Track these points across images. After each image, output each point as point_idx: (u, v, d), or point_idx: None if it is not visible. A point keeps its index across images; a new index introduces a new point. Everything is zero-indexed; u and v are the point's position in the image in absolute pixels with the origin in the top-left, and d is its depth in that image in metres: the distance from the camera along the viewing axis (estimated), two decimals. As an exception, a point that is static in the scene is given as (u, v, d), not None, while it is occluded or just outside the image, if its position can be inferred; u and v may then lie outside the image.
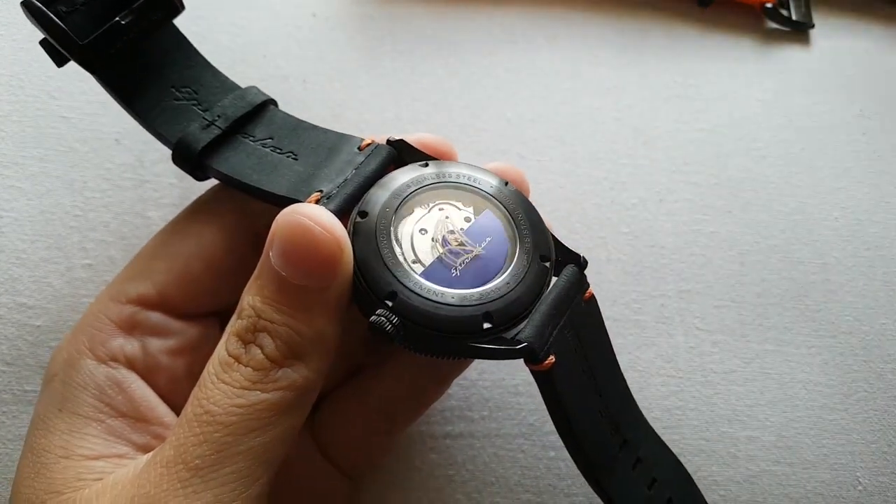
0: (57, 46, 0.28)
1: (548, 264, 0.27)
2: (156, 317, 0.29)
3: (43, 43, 0.28)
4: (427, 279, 0.26)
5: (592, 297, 0.29)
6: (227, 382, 0.24)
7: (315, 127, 0.31)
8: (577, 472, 0.29)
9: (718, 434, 0.38)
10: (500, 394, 0.37)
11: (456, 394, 0.37)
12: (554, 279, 0.28)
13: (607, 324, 0.29)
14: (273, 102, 0.31)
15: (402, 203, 0.27)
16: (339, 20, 0.45)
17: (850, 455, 0.38)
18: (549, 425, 0.36)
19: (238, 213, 0.30)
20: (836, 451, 0.38)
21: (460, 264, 0.26)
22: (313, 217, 0.24)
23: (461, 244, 0.27)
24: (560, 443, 0.36)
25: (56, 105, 0.39)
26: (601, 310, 0.29)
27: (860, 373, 0.40)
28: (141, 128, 0.39)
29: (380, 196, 0.27)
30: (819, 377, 0.40)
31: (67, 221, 0.37)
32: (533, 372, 0.26)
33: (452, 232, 0.27)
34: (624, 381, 0.30)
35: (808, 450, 0.38)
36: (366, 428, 0.32)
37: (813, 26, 0.50)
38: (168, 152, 0.38)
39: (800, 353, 0.40)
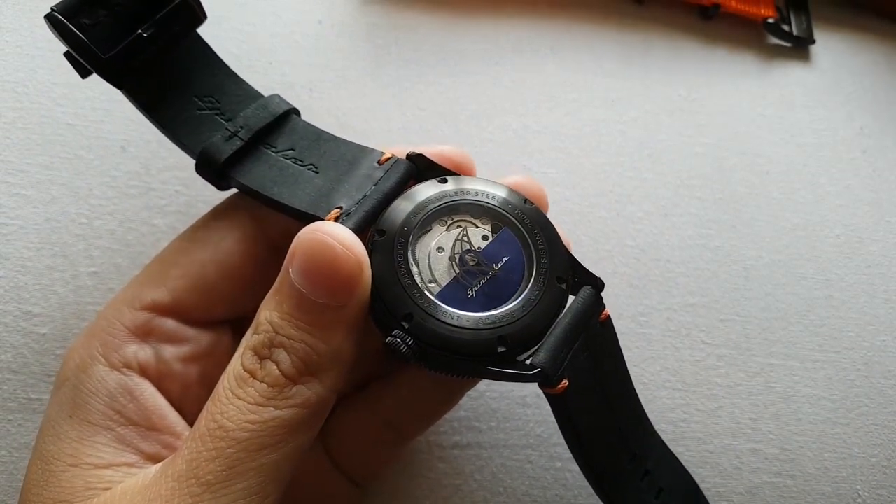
0: (80, 60, 0.28)
1: (564, 286, 0.27)
2: (170, 324, 0.29)
3: (67, 55, 0.28)
4: (443, 301, 0.26)
5: (608, 318, 0.29)
6: (242, 398, 0.24)
7: (336, 138, 0.31)
8: (585, 483, 0.29)
9: (722, 446, 0.38)
10: (508, 405, 0.37)
11: (464, 404, 0.37)
12: (572, 297, 0.28)
13: None
14: (295, 111, 0.31)
15: (420, 221, 0.27)
16: (345, 28, 0.45)
17: (850, 468, 0.39)
18: (557, 437, 0.37)
19: (255, 222, 0.30)
20: (837, 465, 0.39)
21: (476, 285, 0.27)
22: (334, 235, 0.25)
23: (478, 264, 0.27)
24: (567, 454, 0.36)
25: (61, 112, 0.39)
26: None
27: (862, 388, 0.41)
28: (147, 136, 0.39)
29: (398, 214, 0.27)
30: (823, 392, 0.40)
31: (73, 229, 0.37)
32: (546, 395, 0.26)
33: (469, 251, 0.27)
34: (636, 396, 0.31)
35: (809, 463, 0.38)
36: (375, 438, 0.32)
37: (814, 42, 0.50)
38: (174, 159, 0.38)
39: (804, 368, 0.41)
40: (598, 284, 0.29)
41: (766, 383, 0.40)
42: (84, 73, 0.28)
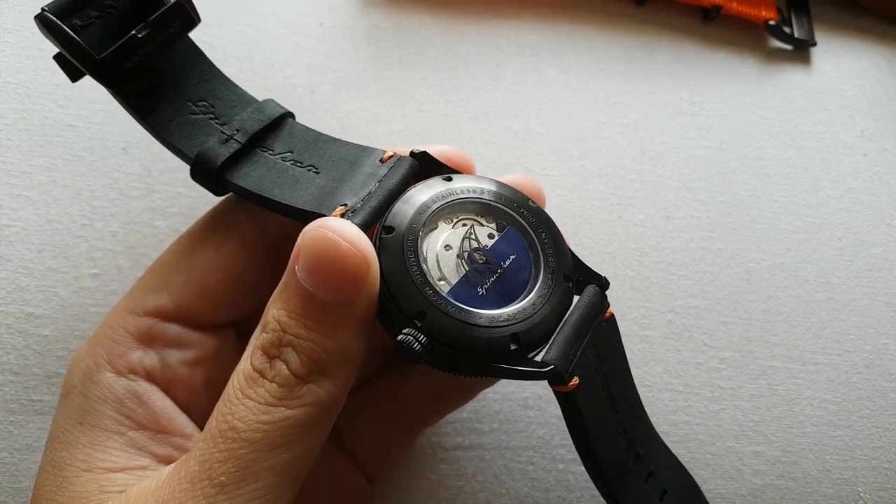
0: (72, 61, 0.27)
1: (570, 284, 0.27)
2: (173, 329, 0.29)
3: (57, 57, 0.28)
4: (455, 298, 0.25)
5: (612, 316, 0.29)
6: (252, 398, 0.24)
7: (335, 140, 0.30)
8: (587, 484, 0.29)
9: (725, 449, 0.38)
10: (510, 407, 0.37)
11: (466, 406, 0.37)
12: (576, 298, 0.28)
13: None
14: (291, 115, 0.31)
15: (427, 218, 0.27)
16: (347, 30, 0.45)
17: (852, 470, 0.39)
18: (559, 439, 0.37)
19: (254, 224, 0.30)
20: (839, 467, 0.39)
21: (486, 283, 0.26)
22: (340, 232, 0.24)
23: (486, 262, 0.27)
24: (569, 455, 0.37)
25: (63, 114, 0.39)
26: (610, 325, 0.29)
27: (864, 391, 0.41)
28: (149, 137, 0.39)
29: (405, 211, 0.27)
30: (825, 394, 0.40)
31: (75, 231, 0.36)
32: (557, 393, 0.26)
33: (478, 249, 0.27)
34: (638, 396, 0.31)
35: (811, 465, 0.38)
36: (388, 432, 0.32)
37: (815, 44, 0.50)
38: (176, 161, 0.37)
39: (806, 370, 0.41)
40: (602, 283, 0.29)
41: (768, 386, 0.40)
42: (74, 76, 0.28)
